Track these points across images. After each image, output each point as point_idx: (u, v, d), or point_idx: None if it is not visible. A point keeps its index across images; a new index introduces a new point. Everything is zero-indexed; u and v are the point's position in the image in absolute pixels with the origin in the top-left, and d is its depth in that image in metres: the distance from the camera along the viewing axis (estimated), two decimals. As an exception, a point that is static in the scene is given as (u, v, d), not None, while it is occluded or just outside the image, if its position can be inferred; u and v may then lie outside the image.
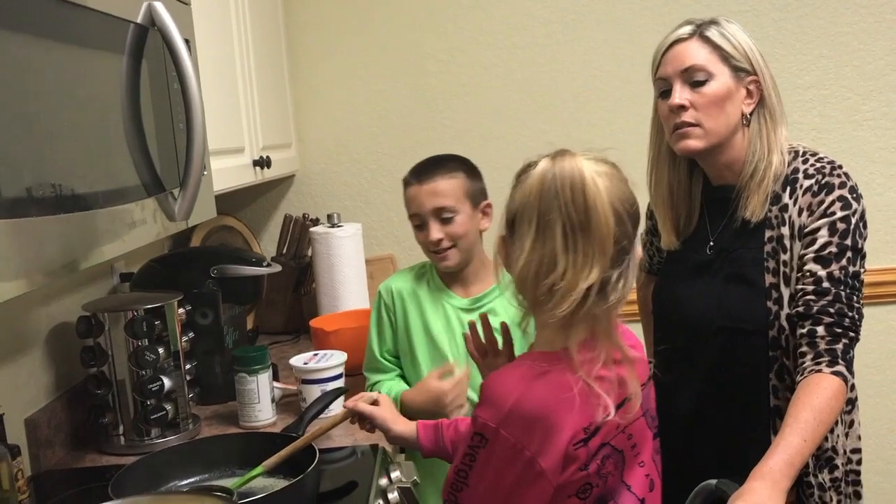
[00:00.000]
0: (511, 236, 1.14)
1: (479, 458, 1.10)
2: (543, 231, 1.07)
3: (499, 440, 1.07)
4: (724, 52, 1.50)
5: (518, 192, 1.12)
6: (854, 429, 1.57)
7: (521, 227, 1.09)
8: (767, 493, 1.20)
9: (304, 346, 2.38)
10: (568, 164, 1.07)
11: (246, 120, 2.07)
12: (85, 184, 1.02)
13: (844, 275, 1.44)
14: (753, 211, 1.51)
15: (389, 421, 1.43)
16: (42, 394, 1.69)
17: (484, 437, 1.09)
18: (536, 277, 1.07)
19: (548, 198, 1.06)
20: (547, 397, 1.07)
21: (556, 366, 1.09)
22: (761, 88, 1.51)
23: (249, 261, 2.06)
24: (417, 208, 1.73)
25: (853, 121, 2.63)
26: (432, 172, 1.73)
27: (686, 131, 1.51)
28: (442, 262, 1.74)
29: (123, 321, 1.66)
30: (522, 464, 1.07)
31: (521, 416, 1.07)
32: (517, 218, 1.11)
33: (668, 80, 1.53)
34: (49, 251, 0.92)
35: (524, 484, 1.08)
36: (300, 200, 2.77)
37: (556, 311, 1.07)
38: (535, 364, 1.11)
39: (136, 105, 1.19)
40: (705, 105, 1.49)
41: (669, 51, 1.54)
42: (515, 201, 1.12)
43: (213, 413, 1.89)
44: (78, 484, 1.56)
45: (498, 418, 1.07)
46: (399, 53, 2.69)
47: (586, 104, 2.65)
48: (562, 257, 1.06)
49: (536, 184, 1.08)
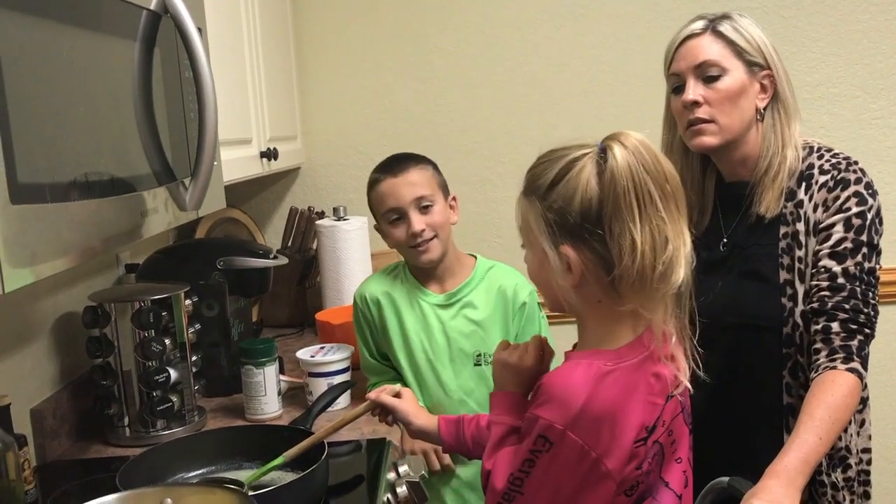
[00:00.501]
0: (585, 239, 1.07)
1: (539, 464, 1.07)
2: (651, 208, 1.04)
3: (565, 443, 1.04)
4: (738, 47, 1.48)
5: (587, 188, 1.05)
6: (865, 428, 1.56)
7: (619, 215, 1.04)
8: (783, 491, 1.19)
9: (308, 339, 2.37)
10: (632, 143, 1.05)
11: (254, 111, 2.05)
12: (98, 171, 1.01)
13: (860, 271, 1.43)
14: (768, 206, 1.50)
15: (411, 414, 1.41)
16: (47, 384, 1.68)
17: (548, 441, 1.05)
18: (654, 255, 1.04)
19: (641, 178, 1.04)
20: (614, 397, 1.06)
21: (619, 363, 1.07)
22: (775, 83, 1.50)
23: (256, 253, 2.05)
24: (396, 201, 1.70)
25: (862, 119, 2.62)
26: (405, 164, 1.72)
27: (700, 128, 1.50)
28: (424, 255, 1.71)
29: (130, 312, 1.65)
30: (588, 466, 1.05)
31: (590, 418, 1.04)
32: (604, 211, 1.05)
33: (681, 76, 1.52)
34: (62, 239, 0.91)
35: (587, 487, 1.06)
36: (305, 193, 2.76)
37: (674, 283, 1.06)
38: (598, 362, 1.07)
39: (147, 93, 1.18)
40: (719, 101, 1.48)
41: (682, 46, 1.52)
42: (585, 199, 1.05)
43: (218, 405, 1.88)
44: (83, 475, 1.55)
45: (566, 420, 1.04)
46: (406, 47, 2.68)
47: (594, 98, 2.64)
48: (668, 229, 1.05)
49: (625, 168, 1.03)
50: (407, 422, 1.42)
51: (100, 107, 1.03)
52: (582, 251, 1.07)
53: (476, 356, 1.74)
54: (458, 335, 1.74)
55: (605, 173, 1.05)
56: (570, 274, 1.08)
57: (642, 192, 1.03)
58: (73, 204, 0.94)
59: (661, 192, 1.05)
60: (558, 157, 1.10)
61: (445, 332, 1.74)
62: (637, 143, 1.05)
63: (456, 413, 1.59)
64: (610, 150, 1.05)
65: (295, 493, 1.29)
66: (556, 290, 1.12)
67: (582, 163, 1.07)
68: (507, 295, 1.75)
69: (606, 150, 1.06)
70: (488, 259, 1.83)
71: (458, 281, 1.77)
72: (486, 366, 1.73)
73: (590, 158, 1.07)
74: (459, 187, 2.62)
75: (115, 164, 1.07)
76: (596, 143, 1.09)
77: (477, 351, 1.74)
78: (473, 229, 2.69)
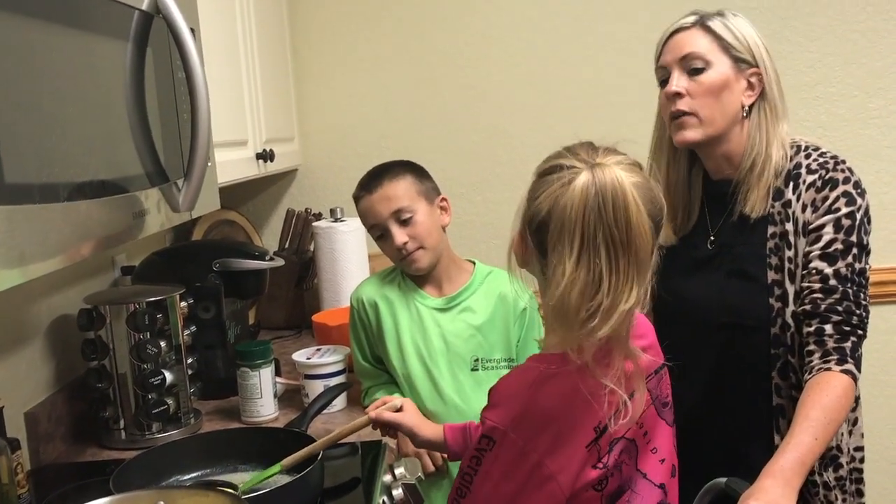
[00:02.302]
0: (539, 247, 1.08)
1: (484, 462, 1.09)
2: (589, 251, 1.01)
3: (506, 443, 1.06)
4: (725, 42, 1.48)
5: (550, 200, 1.04)
6: (857, 427, 1.55)
7: (560, 243, 1.02)
8: (779, 490, 1.19)
9: (305, 341, 2.37)
10: (609, 179, 1.01)
11: (249, 112, 2.05)
12: (89, 172, 1.01)
13: (851, 272, 1.43)
14: (753, 206, 1.49)
15: (416, 427, 1.42)
16: (42, 387, 1.67)
17: (491, 440, 1.08)
18: (581, 298, 1.01)
19: (592, 218, 1.01)
20: (557, 399, 1.07)
21: (564, 367, 1.08)
22: (763, 81, 1.50)
23: (252, 254, 2.04)
24: (375, 218, 1.71)
25: (860, 119, 2.62)
26: (379, 179, 1.72)
27: (682, 121, 1.50)
28: (412, 265, 1.72)
29: (125, 314, 1.64)
30: (528, 468, 1.06)
31: (531, 419, 1.06)
32: (552, 231, 1.04)
33: (667, 69, 1.52)
34: (52, 239, 0.90)
35: (530, 489, 1.07)
36: (303, 195, 2.75)
37: (595, 334, 1.02)
38: (543, 366, 1.09)
39: (140, 93, 1.17)
40: (701, 93, 1.48)
41: (670, 39, 1.53)
42: (547, 211, 1.05)
43: (214, 408, 1.87)
44: (78, 478, 1.54)
45: (507, 421, 1.06)
46: (404, 47, 2.68)
47: (594, 99, 2.63)
48: (606, 279, 1.01)
49: (579, 201, 1.01)
50: (412, 434, 1.43)
51: (91, 107, 1.03)
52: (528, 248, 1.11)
53: (473, 361, 1.73)
54: (457, 339, 1.73)
55: (557, 193, 1.03)
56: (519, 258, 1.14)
57: (587, 233, 1.01)
58: (63, 205, 0.93)
59: (611, 241, 1.01)
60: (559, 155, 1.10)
61: (443, 336, 1.73)
62: (614, 180, 1.01)
63: (450, 419, 1.59)
64: (580, 174, 1.03)
65: (290, 495, 1.28)
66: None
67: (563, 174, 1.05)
68: (508, 300, 1.74)
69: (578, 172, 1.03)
70: (486, 264, 1.82)
71: (457, 285, 1.76)
72: (483, 371, 1.72)
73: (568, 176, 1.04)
74: (457, 188, 2.63)
75: (107, 164, 1.07)
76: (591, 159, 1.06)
77: (474, 356, 1.73)
78: (471, 230, 2.69)
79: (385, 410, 1.43)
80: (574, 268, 1.01)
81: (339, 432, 1.43)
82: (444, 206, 1.77)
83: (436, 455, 1.67)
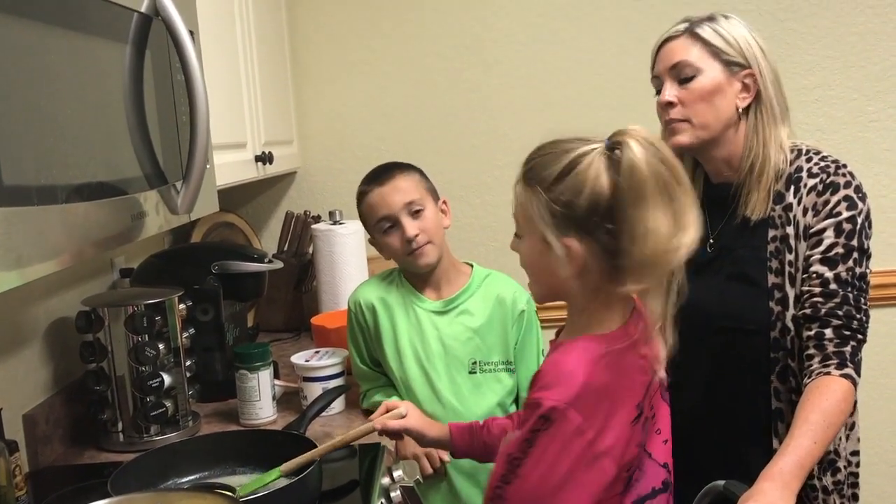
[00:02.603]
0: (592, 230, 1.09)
1: (538, 443, 1.07)
2: (666, 198, 1.07)
3: (566, 421, 1.06)
4: (715, 48, 1.49)
5: (604, 178, 1.07)
6: (854, 431, 1.55)
7: (631, 208, 1.06)
8: (778, 493, 1.19)
9: (304, 344, 2.36)
10: (647, 134, 1.09)
11: (248, 115, 2.05)
12: (87, 174, 1.01)
13: (851, 276, 1.42)
14: (754, 208, 1.49)
15: (423, 429, 1.44)
16: (40, 389, 1.67)
17: (549, 419, 1.06)
18: (668, 241, 1.07)
19: (658, 169, 1.06)
20: (610, 377, 1.09)
21: (611, 347, 1.11)
22: (758, 82, 1.50)
23: (251, 257, 2.04)
24: (387, 209, 1.70)
25: (858, 122, 2.62)
26: (390, 173, 1.72)
27: (674, 127, 1.51)
28: (421, 258, 1.70)
29: (124, 316, 1.64)
30: (583, 446, 1.07)
31: (591, 394, 1.07)
32: (617, 204, 1.07)
33: (660, 79, 1.54)
34: (50, 242, 0.90)
35: (581, 467, 1.08)
36: (302, 197, 2.75)
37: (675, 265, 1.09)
38: (591, 345, 1.11)
39: (139, 96, 1.17)
40: (693, 100, 1.49)
41: (662, 49, 1.55)
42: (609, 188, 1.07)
43: (213, 410, 1.87)
44: (76, 480, 1.54)
45: (568, 397, 1.06)
46: (402, 50, 2.68)
47: (592, 102, 2.63)
48: (681, 217, 1.08)
49: (643, 160, 1.06)
50: (420, 437, 1.44)
51: (90, 109, 1.03)
52: (587, 242, 1.10)
53: (471, 364, 1.73)
54: (454, 342, 1.73)
55: (622, 166, 1.06)
56: (571, 264, 1.11)
57: (659, 184, 1.06)
58: (62, 206, 0.93)
59: (677, 180, 1.08)
60: (564, 151, 1.11)
61: (441, 339, 1.73)
62: (650, 137, 1.09)
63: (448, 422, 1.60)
64: (625, 144, 1.07)
65: (288, 498, 1.28)
66: (551, 278, 1.15)
67: (590, 158, 1.09)
68: (506, 303, 1.74)
69: (620, 144, 1.08)
70: (484, 267, 1.82)
71: (455, 288, 1.76)
72: (480, 374, 1.72)
73: (598, 154, 1.09)
74: (456, 191, 2.63)
75: (106, 166, 1.07)
76: (597, 138, 1.11)
77: (472, 359, 1.73)
78: (470, 233, 2.69)
79: (389, 419, 1.43)
80: (653, 221, 1.06)
81: (341, 439, 1.42)
82: (445, 210, 1.78)
83: (434, 458, 1.67)
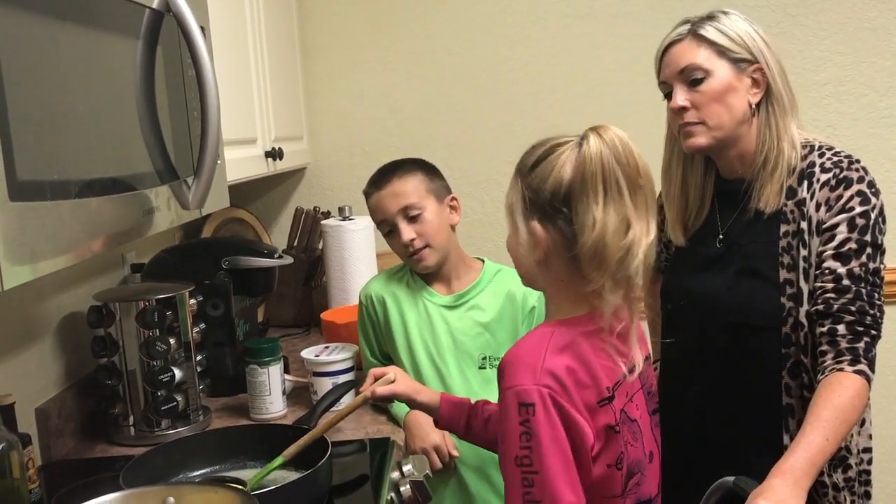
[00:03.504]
0: (552, 216, 1.13)
1: (535, 432, 1.06)
2: (613, 196, 1.10)
3: (543, 398, 1.06)
4: (720, 47, 1.47)
5: (567, 167, 1.12)
6: (865, 427, 1.54)
7: (585, 195, 1.10)
8: (788, 490, 1.18)
9: (314, 339, 2.37)
10: (613, 133, 1.12)
11: (258, 110, 2.05)
12: (99, 169, 1.01)
13: (864, 272, 1.41)
14: (767, 201, 1.49)
15: (412, 392, 1.45)
16: (52, 383, 1.68)
17: (528, 405, 1.06)
18: (616, 237, 1.10)
19: (610, 165, 1.10)
20: (570, 355, 1.10)
21: (570, 329, 1.13)
22: (766, 76, 1.49)
23: (261, 252, 2.05)
24: (384, 214, 1.72)
25: (870, 118, 2.61)
26: (389, 176, 1.73)
27: (689, 130, 1.50)
28: (419, 263, 1.72)
29: (135, 311, 1.65)
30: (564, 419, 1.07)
31: (553, 369, 1.08)
32: (575, 190, 1.11)
33: (668, 84, 1.53)
34: (63, 236, 0.91)
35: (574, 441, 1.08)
36: (311, 193, 2.76)
37: (629, 269, 1.11)
38: (548, 329, 1.14)
39: (150, 91, 1.18)
40: (705, 103, 1.48)
41: (666, 54, 1.53)
42: (570, 175, 1.12)
43: (223, 405, 1.88)
44: (88, 474, 1.55)
45: (534, 377, 1.07)
46: (412, 46, 2.68)
47: (600, 98, 2.63)
48: (632, 216, 1.11)
49: (596, 154, 1.10)
50: (410, 399, 1.45)
51: (102, 105, 1.03)
52: (548, 228, 1.14)
53: (481, 359, 1.73)
54: (464, 337, 1.73)
55: (578, 157, 1.12)
56: (537, 249, 1.16)
57: (609, 178, 1.10)
58: (74, 202, 0.94)
59: (629, 182, 1.11)
60: (543, 143, 1.18)
61: (451, 334, 1.73)
62: (614, 135, 1.12)
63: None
64: (586, 138, 1.13)
65: (298, 492, 1.28)
66: (523, 265, 1.20)
67: (564, 148, 1.14)
68: (517, 299, 1.74)
69: (584, 137, 1.13)
70: (495, 262, 1.82)
71: (466, 283, 1.77)
72: (490, 369, 1.72)
73: (571, 146, 1.14)
74: (464, 187, 2.63)
75: (117, 162, 1.07)
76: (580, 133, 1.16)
77: (482, 354, 1.73)
78: (479, 229, 2.69)
79: (378, 386, 1.44)
80: (603, 214, 1.09)
81: (337, 415, 1.45)
82: (454, 206, 1.78)
83: (443, 453, 1.67)
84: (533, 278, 1.22)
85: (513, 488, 1.08)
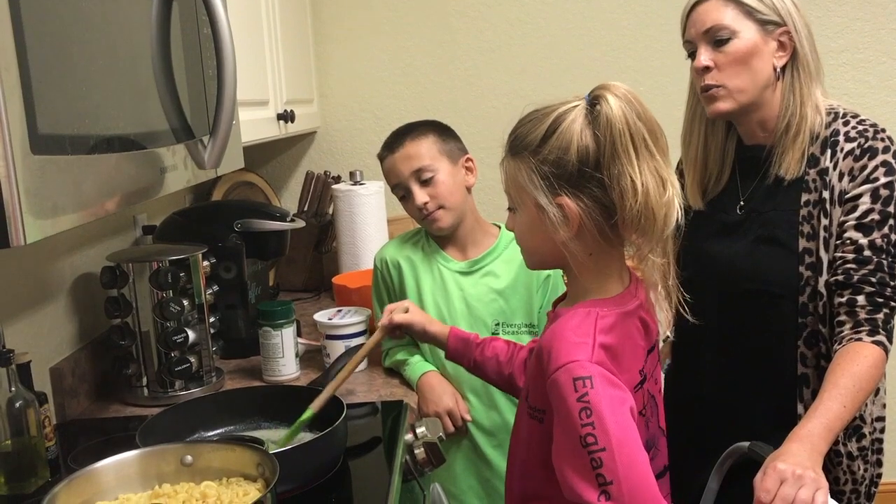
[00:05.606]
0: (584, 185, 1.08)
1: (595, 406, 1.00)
2: (644, 152, 1.07)
3: (598, 370, 1.03)
4: (748, 7, 1.45)
5: (589, 131, 1.07)
6: (879, 396, 1.54)
7: (615, 160, 1.06)
8: (806, 454, 1.19)
9: (324, 303, 2.37)
10: (626, 90, 1.09)
11: (270, 72, 2.04)
12: (118, 126, 1.00)
13: (886, 243, 1.40)
14: (788, 168, 1.47)
15: (425, 323, 1.50)
16: (67, 343, 1.68)
17: (585, 378, 1.02)
18: (657, 195, 1.07)
19: (634, 122, 1.07)
20: (615, 339, 1.09)
21: (613, 310, 1.11)
22: (794, 39, 1.47)
23: (273, 215, 2.04)
24: (397, 177, 1.71)
25: (888, 86, 2.58)
26: (401, 139, 1.72)
27: (712, 93, 1.47)
28: (434, 224, 1.72)
29: (148, 272, 1.65)
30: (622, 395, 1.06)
31: (603, 349, 1.06)
32: (603, 156, 1.07)
33: (693, 43, 1.50)
34: (83, 191, 0.90)
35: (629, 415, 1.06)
36: (322, 158, 2.74)
37: (671, 223, 1.09)
38: (594, 309, 1.10)
39: (166, 48, 1.16)
40: (729, 63, 1.45)
41: (693, 12, 1.50)
42: (581, 147, 1.07)
43: (236, 367, 1.88)
44: (102, 434, 1.56)
45: (587, 352, 1.04)
46: (424, 9, 2.65)
47: (613, 63, 2.60)
48: (664, 171, 1.08)
49: (619, 113, 1.06)
50: (422, 330, 1.49)
51: (119, 61, 1.02)
52: (581, 199, 1.09)
53: (495, 325, 1.73)
54: (478, 303, 1.73)
55: (599, 120, 1.07)
56: (568, 225, 1.09)
57: (637, 136, 1.06)
58: (94, 157, 0.93)
59: (653, 137, 1.08)
60: (544, 114, 1.12)
61: (465, 299, 1.73)
62: (626, 92, 1.09)
63: (471, 381, 1.61)
64: (602, 98, 1.08)
65: (313, 452, 1.29)
66: (548, 245, 1.13)
67: (572, 115, 1.09)
68: None
69: (598, 99, 1.08)
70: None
71: (481, 249, 1.76)
72: (503, 335, 1.72)
73: (579, 110, 1.09)
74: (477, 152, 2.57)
75: (135, 119, 1.06)
76: (577, 97, 1.11)
77: (496, 320, 1.73)
78: (491, 195, 2.67)
79: (396, 315, 1.49)
80: (639, 174, 1.06)
81: (360, 353, 1.50)
82: (470, 167, 1.76)
83: (456, 416, 1.68)
84: (557, 259, 1.14)
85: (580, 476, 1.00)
